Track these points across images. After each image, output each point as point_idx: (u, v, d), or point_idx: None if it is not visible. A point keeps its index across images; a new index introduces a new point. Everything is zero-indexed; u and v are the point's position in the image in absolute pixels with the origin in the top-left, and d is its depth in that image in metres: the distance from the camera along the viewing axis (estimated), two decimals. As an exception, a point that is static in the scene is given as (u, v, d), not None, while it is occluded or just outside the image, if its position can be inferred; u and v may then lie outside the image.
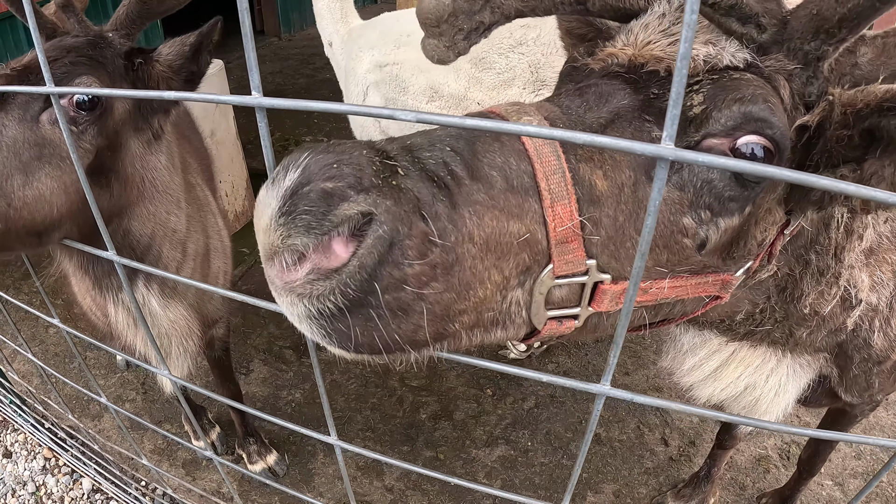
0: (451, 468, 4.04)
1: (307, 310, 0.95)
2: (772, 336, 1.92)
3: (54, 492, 3.98)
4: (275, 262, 0.95)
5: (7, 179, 1.70)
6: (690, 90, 1.19)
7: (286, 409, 4.44)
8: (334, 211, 0.90)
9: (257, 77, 0.90)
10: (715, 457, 3.67)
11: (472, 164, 1.03)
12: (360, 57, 4.25)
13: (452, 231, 0.98)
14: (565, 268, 1.10)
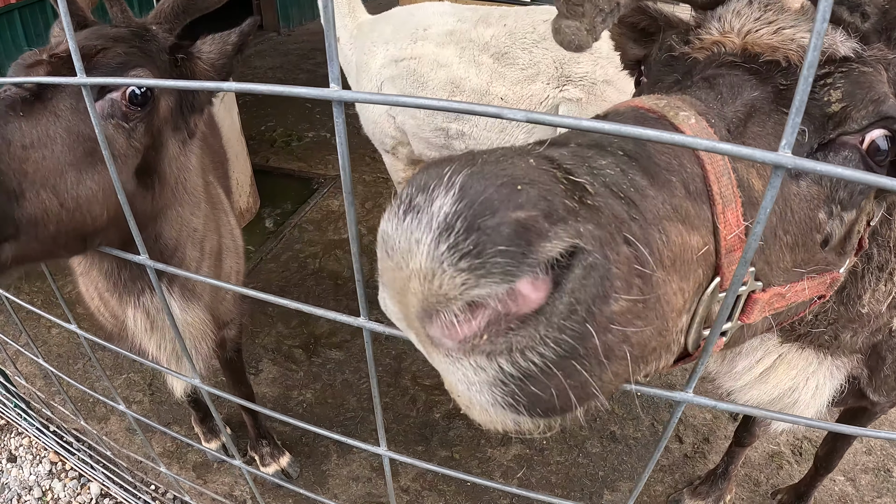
0: (466, 468, 4.00)
1: (501, 373, 0.75)
2: (820, 339, 1.90)
3: (61, 497, 3.92)
4: (440, 317, 0.75)
5: (60, 176, 1.56)
6: (825, 84, 1.16)
7: (297, 409, 4.39)
8: (536, 250, 0.70)
9: (337, 69, 0.78)
10: (733, 454, 3.65)
11: (651, 171, 0.90)
12: (374, 52, 4.20)
13: (650, 255, 0.83)
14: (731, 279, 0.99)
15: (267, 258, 5.90)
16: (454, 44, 3.87)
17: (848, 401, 2.40)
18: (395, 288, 0.77)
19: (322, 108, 9.17)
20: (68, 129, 1.58)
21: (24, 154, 1.50)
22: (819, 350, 1.99)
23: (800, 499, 3.64)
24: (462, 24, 3.87)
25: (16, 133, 1.49)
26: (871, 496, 3.94)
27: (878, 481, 4.01)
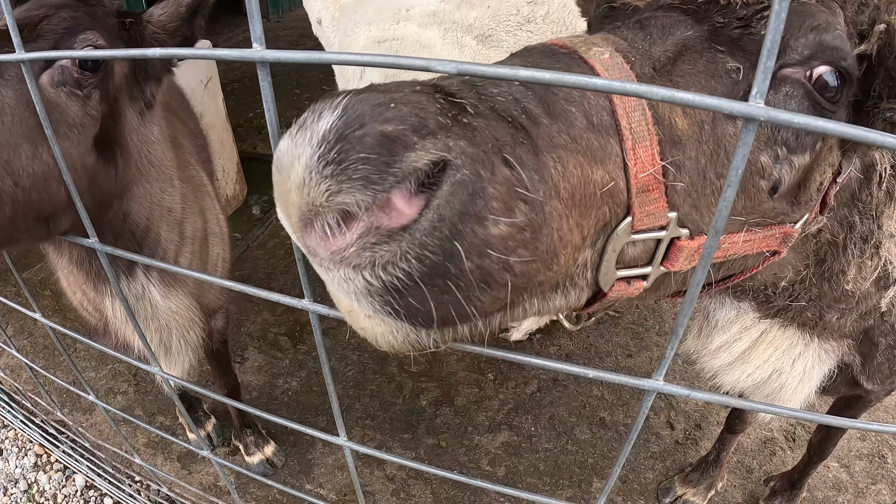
0: (453, 455, 3.97)
1: (369, 283, 0.77)
2: (803, 316, 1.86)
3: (47, 489, 3.90)
4: (315, 226, 0.77)
5: (13, 151, 1.46)
6: (761, 17, 1.10)
7: (283, 397, 4.36)
8: (400, 160, 0.72)
9: (259, 27, 0.78)
10: (724, 441, 3.62)
11: (548, 100, 0.89)
12: (357, 33, 4.12)
13: (539, 183, 0.82)
14: (645, 221, 0.98)
15: (254, 245, 5.86)
16: (437, 25, 3.79)
17: (840, 389, 2.36)
18: (281, 201, 0.80)
19: (310, 94, 9.14)
20: (15, 101, 1.48)
21: None
22: (803, 330, 1.94)
23: (793, 486, 3.62)
24: (445, 4, 3.80)
25: None
26: (866, 482, 3.93)
27: (873, 467, 4.00)
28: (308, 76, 9.59)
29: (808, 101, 1.13)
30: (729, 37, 1.12)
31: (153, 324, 2.26)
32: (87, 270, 2.11)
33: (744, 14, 1.11)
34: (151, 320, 2.24)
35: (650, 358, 4.63)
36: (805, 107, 1.13)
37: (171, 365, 2.44)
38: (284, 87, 9.47)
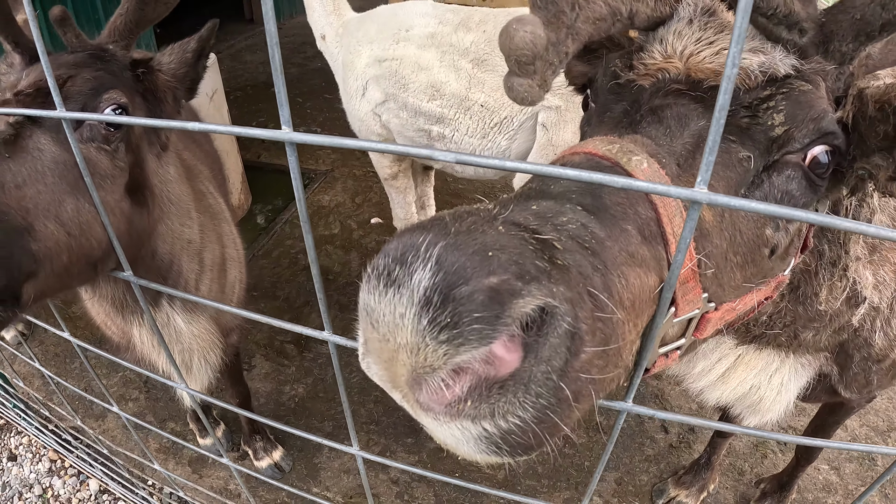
0: (455, 459, 4.06)
1: (487, 432, 0.80)
2: (778, 340, 1.97)
3: (61, 494, 4.01)
4: (428, 385, 0.79)
5: (60, 205, 1.58)
6: (768, 108, 1.21)
7: (289, 403, 4.48)
8: (508, 312, 0.74)
9: (287, 112, 0.86)
10: (715, 445, 3.73)
11: (607, 221, 0.95)
12: (359, 51, 4.25)
13: (609, 300, 0.88)
14: (685, 308, 1.07)
15: (259, 254, 5.98)
16: (435, 47, 3.91)
17: (822, 397, 2.47)
18: (383, 358, 0.81)
19: (312, 103, 9.22)
20: (55, 160, 1.60)
21: (20, 192, 1.52)
22: (779, 349, 2.05)
23: (782, 488, 3.73)
24: (443, 26, 3.91)
25: (6, 174, 1.52)
26: (856, 484, 4.02)
27: (863, 470, 4.10)
28: (311, 84, 9.69)
29: (805, 180, 1.25)
30: (738, 126, 1.22)
31: (177, 347, 2.41)
32: (115, 303, 2.23)
33: (749, 102, 1.22)
34: (175, 344, 2.40)
35: (647, 383, 4.74)
36: (802, 186, 1.24)
37: (191, 382, 2.59)
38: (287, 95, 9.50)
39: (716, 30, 1.29)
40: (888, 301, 2.00)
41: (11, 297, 1.50)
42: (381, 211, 6.43)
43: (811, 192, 1.25)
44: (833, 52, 1.26)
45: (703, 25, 1.31)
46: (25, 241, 1.50)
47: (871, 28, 1.18)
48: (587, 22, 1.13)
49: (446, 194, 6.79)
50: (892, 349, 2.18)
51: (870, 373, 2.24)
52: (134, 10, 1.94)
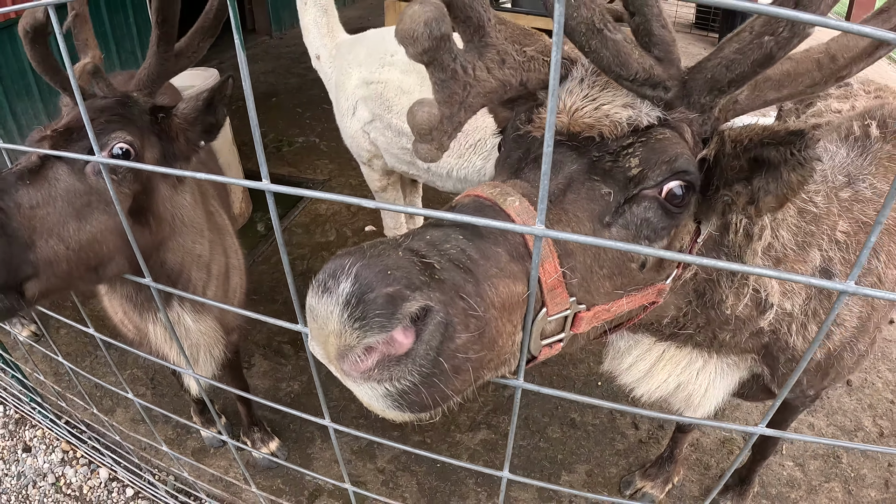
0: (437, 451, 4.36)
1: (387, 390, 1.10)
2: (695, 339, 2.19)
3: (73, 481, 4.30)
4: (348, 358, 1.09)
5: (64, 226, 1.98)
6: (627, 153, 1.47)
7: (286, 399, 4.77)
8: (400, 310, 1.04)
9: (266, 169, 1.16)
10: (676, 439, 3.99)
11: (482, 246, 1.23)
12: (350, 73, 4.50)
13: (480, 303, 1.17)
14: (555, 308, 1.34)
15: (259, 260, 6.27)
16: (416, 72, 4.15)
17: (759, 395, 2.66)
18: (320, 341, 1.12)
19: (311, 112, 9.46)
20: (66, 189, 2.00)
21: (32, 213, 1.92)
22: (700, 349, 2.26)
23: (743, 482, 3.95)
24: None
25: (24, 197, 1.92)
26: (819, 480, 4.22)
27: (827, 467, 4.33)
28: (310, 95, 9.92)
29: (661, 209, 1.49)
30: (603, 168, 1.47)
31: (186, 342, 2.79)
32: (133, 302, 2.63)
33: (613, 149, 1.48)
34: (184, 339, 2.77)
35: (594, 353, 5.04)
36: (659, 214, 1.49)
37: (197, 372, 2.95)
38: (287, 106, 9.77)
39: (601, 87, 1.55)
40: (801, 307, 2.21)
41: (14, 291, 1.89)
42: (375, 219, 6.72)
43: (668, 218, 1.50)
44: (694, 103, 1.50)
45: (592, 84, 1.56)
46: (25, 253, 1.90)
47: (721, 84, 1.44)
48: (478, 96, 1.43)
49: (437, 204, 7.04)
50: (815, 352, 2.34)
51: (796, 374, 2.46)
52: (156, 66, 2.34)
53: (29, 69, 7.18)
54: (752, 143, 1.42)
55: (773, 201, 1.44)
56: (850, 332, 2.41)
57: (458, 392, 1.19)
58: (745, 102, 1.60)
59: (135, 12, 8.12)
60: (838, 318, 2.35)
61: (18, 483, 4.33)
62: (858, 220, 2.31)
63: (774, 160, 1.39)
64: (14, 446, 4.58)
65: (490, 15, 1.44)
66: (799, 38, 1.32)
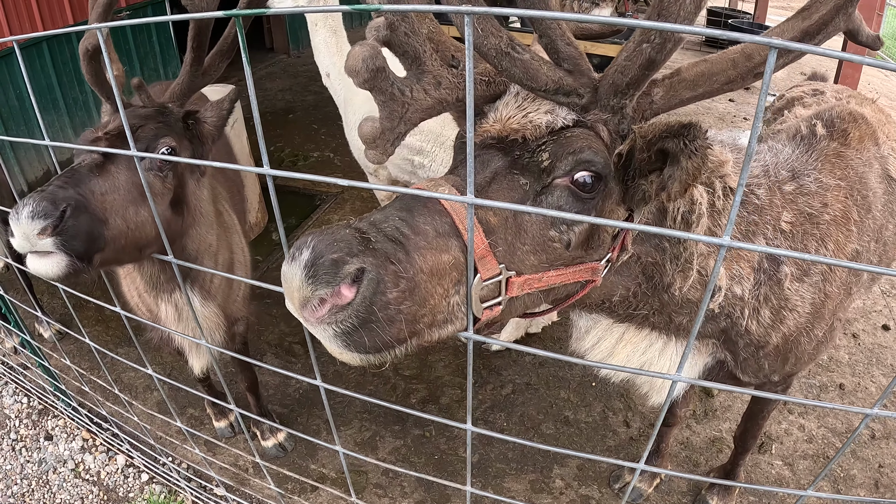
0: (436, 444, 4.60)
1: (335, 331, 1.37)
2: (651, 321, 2.36)
3: (92, 467, 4.57)
4: (307, 307, 1.37)
5: (126, 209, 2.39)
6: (540, 149, 1.69)
7: (294, 394, 5.04)
8: (341, 270, 1.33)
9: (265, 156, 1.43)
10: (662, 434, 4.14)
11: (414, 225, 1.50)
12: (357, 90, 4.71)
13: (410, 268, 1.43)
14: (487, 273, 1.56)
15: (273, 268, 6.55)
16: None
17: (727, 381, 2.76)
18: (289, 297, 1.40)
19: (327, 129, 9.72)
20: (126, 180, 2.41)
21: (103, 198, 2.33)
22: (658, 331, 2.42)
23: (727, 476, 4.07)
24: None
25: (97, 186, 2.33)
26: (808, 479, 4.32)
27: (817, 467, 4.44)
28: (325, 111, 10.16)
29: (572, 196, 1.71)
30: (522, 164, 1.71)
31: (191, 323, 3.09)
32: (153, 283, 3.01)
33: (532, 148, 1.71)
34: (191, 320, 3.04)
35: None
36: (571, 200, 1.71)
37: (199, 355, 3.38)
38: (303, 122, 10.06)
39: (532, 100, 1.79)
40: (751, 293, 2.37)
41: (87, 259, 2.29)
42: (383, 229, 6.92)
43: (580, 203, 1.72)
44: (605, 106, 1.72)
45: (525, 97, 1.81)
46: (101, 228, 2.31)
47: (621, 88, 1.67)
48: (416, 112, 1.70)
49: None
50: (769, 335, 2.49)
51: (759, 358, 2.57)
52: (187, 82, 2.79)
53: (56, 84, 7.53)
54: (656, 137, 1.57)
55: (678, 187, 1.61)
56: (805, 318, 2.53)
57: (396, 339, 1.45)
58: (661, 102, 1.82)
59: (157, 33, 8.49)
60: (790, 304, 2.47)
61: (39, 469, 4.59)
62: (803, 212, 2.47)
63: (674, 150, 1.55)
64: (36, 435, 4.86)
65: (426, 48, 1.70)
66: (672, 42, 1.55)
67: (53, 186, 2.26)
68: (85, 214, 2.26)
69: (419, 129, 4.32)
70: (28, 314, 5.59)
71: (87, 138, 2.54)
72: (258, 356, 5.39)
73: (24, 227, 2.15)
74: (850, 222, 2.58)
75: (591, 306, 2.29)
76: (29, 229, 2.15)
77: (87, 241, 2.27)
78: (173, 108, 2.79)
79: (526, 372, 5.26)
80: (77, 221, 2.23)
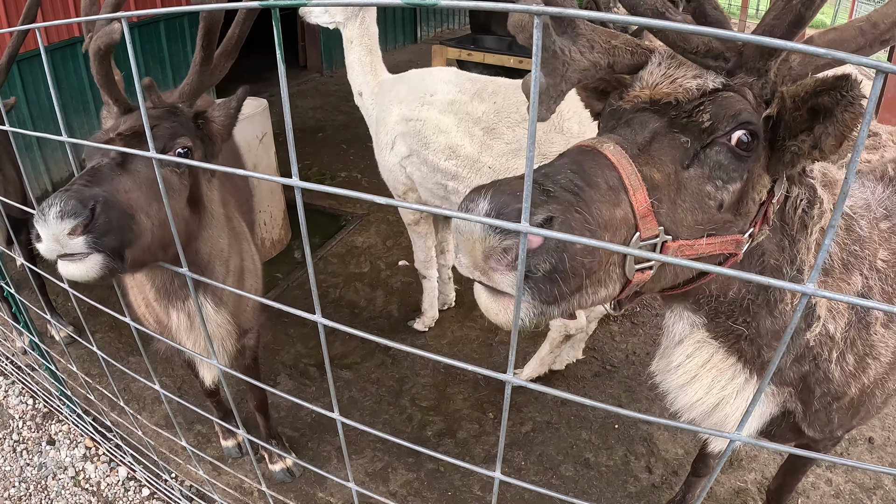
0: (450, 480, 4.42)
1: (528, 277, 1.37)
2: (740, 347, 2.23)
3: (92, 477, 4.44)
4: (493, 257, 1.36)
5: (150, 205, 2.33)
6: (699, 110, 1.71)
7: (307, 418, 4.88)
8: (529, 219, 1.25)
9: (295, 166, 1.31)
10: (690, 484, 3.98)
11: (586, 178, 1.52)
12: (390, 109, 4.71)
13: (592, 219, 1.45)
14: (646, 234, 1.58)
15: (293, 285, 6.44)
16: (453, 113, 4.38)
17: (787, 435, 2.65)
18: (465, 249, 1.38)
19: (356, 149, 9.71)
20: (147, 178, 2.35)
21: (128, 195, 2.26)
22: (745, 364, 2.26)
23: None
24: (462, 94, 4.38)
25: (121, 184, 2.27)
26: None
27: None
28: (355, 132, 10.15)
29: (731, 154, 1.72)
30: (680, 123, 1.72)
31: (203, 332, 2.92)
32: (164, 291, 2.92)
33: (687, 109, 1.72)
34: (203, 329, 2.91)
35: (638, 409, 5.04)
36: (730, 157, 1.72)
37: (210, 365, 3.21)
38: (333, 141, 10.07)
39: (675, 66, 1.81)
40: (842, 333, 2.27)
41: (119, 256, 2.22)
42: (408, 255, 6.81)
43: (738, 161, 1.74)
44: (751, 69, 1.74)
45: (669, 65, 1.83)
46: (130, 223, 2.25)
47: (766, 49, 1.68)
48: (575, 72, 1.71)
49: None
50: (849, 385, 2.38)
51: (830, 410, 2.44)
52: (197, 81, 2.73)
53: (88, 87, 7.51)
54: (808, 94, 1.60)
55: (833, 141, 1.62)
56: (884, 368, 2.43)
57: (572, 292, 1.46)
58: (799, 69, 1.82)
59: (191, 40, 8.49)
60: (875, 351, 2.38)
61: (39, 473, 4.48)
62: None
63: (828, 104, 1.57)
64: (39, 438, 4.74)
65: None
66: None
67: (78, 185, 2.17)
68: (114, 210, 2.20)
69: (455, 152, 4.30)
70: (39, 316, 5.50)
71: (99, 139, 2.49)
72: (272, 376, 5.25)
73: (52, 228, 2.04)
74: None
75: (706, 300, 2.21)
76: (59, 230, 2.05)
77: (120, 237, 2.21)
78: (183, 108, 2.74)
79: (547, 410, 5.08)
80: (108, 217, 2.16)
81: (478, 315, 6.14)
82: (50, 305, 5.49)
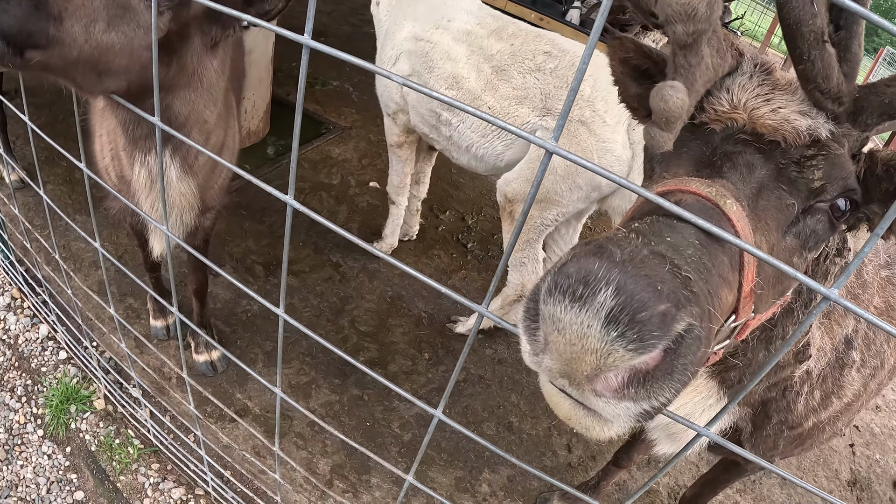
0: (371, 410, 4.36)
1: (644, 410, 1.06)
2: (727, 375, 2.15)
3: (12, 328, 4.29)
4: (602, 377, 1.03)
5: (93, 22, 1.99)
6: (811, 165, 1.47)
7: (242, 316, 4.75)
8: (672, 328, 0.99)
9: (311, 23, 1.09)
10: (608, 472, 3.95)
11: (712, 254, 1.20)
12: (403, 25, 4.52)
13: (716, 316, 1.16)
14: (742, 315, 1.34)
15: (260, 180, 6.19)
16: (467, 44, 4.20)
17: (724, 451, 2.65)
18: (565, 357, 1.03)
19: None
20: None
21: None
22: (720, 388, 2.19)
23: None
24: (480, 28, 4.20)
25: None
26: None
27: None
28: (358, 46, 9.89)
29: (828, 222, 1.53)
30: (788, 177, 1.47)
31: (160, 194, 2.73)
32: (128, 135, 2.63)
33: (797, 158, 1.47)
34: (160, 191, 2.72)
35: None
36: (826, 226, 1.53)
37: (161, 235, 3.04)
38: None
39: (770, 87, 1.55)
40: (819, 370, 2.22)
41: (16, 49, 1.90)
42: (381, 177, 6.66)
43: (831, 230, 1.55)
44: (860, 122, 1.48)
45: (761, 81, 1.56)
46: (46, 23, 1.91)
47: (893, 111, 1.43)
48: (704, 83, 1.43)
49: (445, 183, 7.10)
50: (808, 419, 2.35)
51: (779, 438, 2.41)
52: None
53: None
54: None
55: None
56: (841, 407, 2.41)
57: None
58: None
59: None
60: (842, 391, 2.34)
61: (-44, 314, 4.30)
62: (888, 301, 2.37)
63: None
64: (-36, 277, 4.55)
65: None
66: None
67: None
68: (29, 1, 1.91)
69: (458, 83, 4.13)
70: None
71: None
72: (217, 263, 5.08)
73: None
74: None
75: None
76: None
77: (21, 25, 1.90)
78: None
79: (483, 364, 5.03)
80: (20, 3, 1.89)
81: (434, 254, 6.07)
82: (7, 146, 5.24)
